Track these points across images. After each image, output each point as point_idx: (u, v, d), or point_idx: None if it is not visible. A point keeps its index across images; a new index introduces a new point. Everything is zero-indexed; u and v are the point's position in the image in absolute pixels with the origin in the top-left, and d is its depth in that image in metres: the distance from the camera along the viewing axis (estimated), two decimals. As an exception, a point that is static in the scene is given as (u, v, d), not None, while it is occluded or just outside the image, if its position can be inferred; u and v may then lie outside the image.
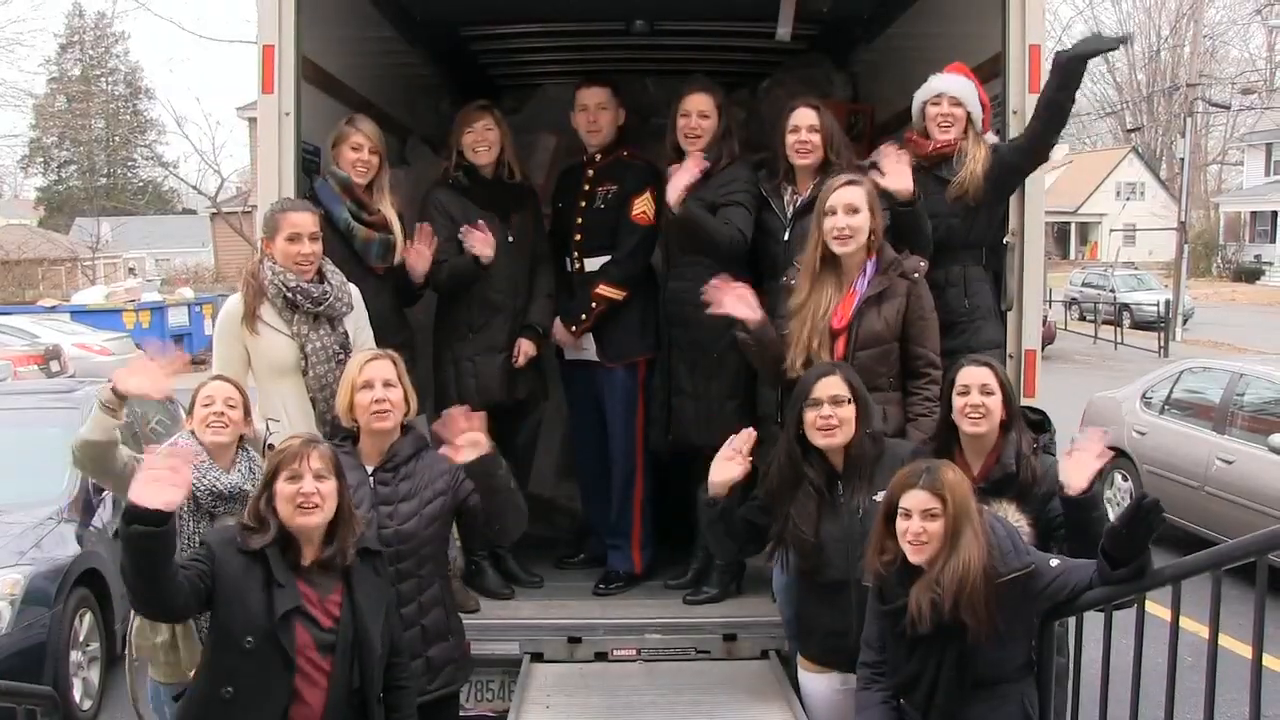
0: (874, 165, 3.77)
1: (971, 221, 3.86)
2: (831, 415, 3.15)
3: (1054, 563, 2.85)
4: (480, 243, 4.16)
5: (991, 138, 3.92)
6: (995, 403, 3.17)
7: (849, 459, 3.21)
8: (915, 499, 2.77)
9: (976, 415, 3.16)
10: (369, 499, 3.17)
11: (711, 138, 4.17)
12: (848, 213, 3.45)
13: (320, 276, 3.62)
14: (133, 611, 3.32)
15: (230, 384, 3.32)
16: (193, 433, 3.26)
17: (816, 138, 3.90)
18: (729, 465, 3.24)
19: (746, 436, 3.26)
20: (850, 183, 3.50)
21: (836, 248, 3.48)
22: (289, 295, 3.53)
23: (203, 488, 3.18)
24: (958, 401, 3.19)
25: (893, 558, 2.85)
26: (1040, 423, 3.46)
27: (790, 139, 3.93)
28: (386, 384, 3.16)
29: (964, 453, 3.22)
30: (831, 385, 3.16)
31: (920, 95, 3.91)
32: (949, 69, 3.91)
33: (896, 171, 3.65)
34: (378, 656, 2.83)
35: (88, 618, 5.38)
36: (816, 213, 3.56)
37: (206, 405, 3.25)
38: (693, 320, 4.22)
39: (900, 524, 2.80)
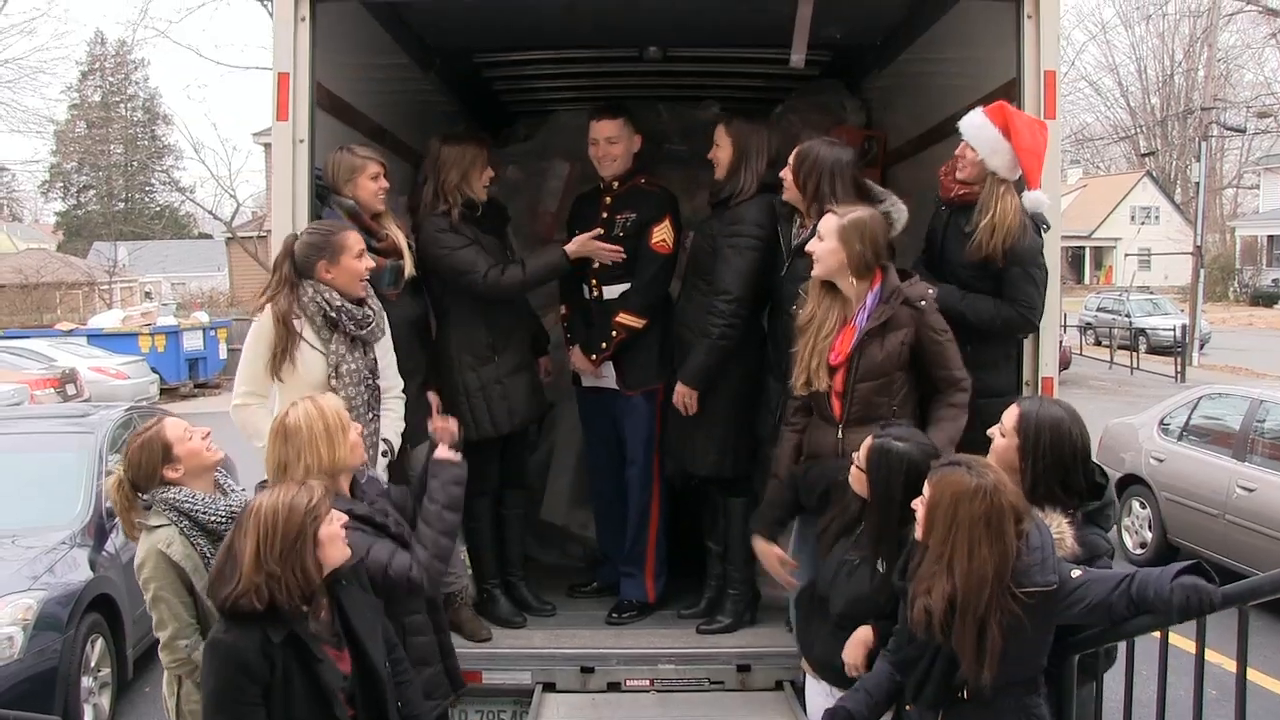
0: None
1: (993, 286, 3.69)
2: None
3: (1075, 573, 2.73)
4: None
5: (1040, 199, 3.65)
6: (1002, 445, 3.05)
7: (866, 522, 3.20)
8: (926, 483, 2.76)
9: None
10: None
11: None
12: (817, 239, 3.50)
13: (362, 299, 3.62)
14: (169, 672, 3.18)
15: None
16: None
17: (788, 176, 3.90)
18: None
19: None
20: (829, 212, 3.54)
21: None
22: (332, 315, 3.51)
23: (221, 512, 3.13)
24: None
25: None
26: (1100, 487, 3.08)
27: None
28: None
29: None
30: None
31: None
32: (988, 108, 3.67)
33: None
34: (386, 686, 2.79)
35: (99, 643, 5.36)
36: None
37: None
38: (693, 345, 4.22)
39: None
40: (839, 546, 3.24)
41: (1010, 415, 3.06)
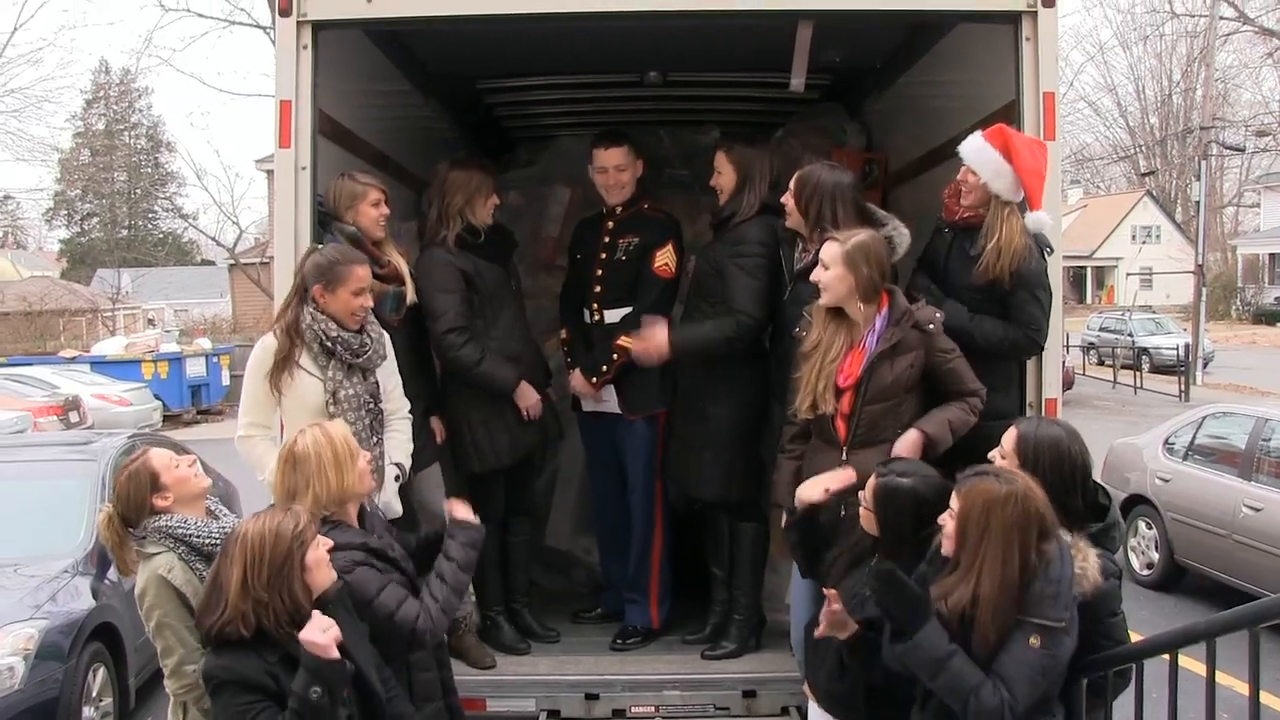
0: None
1: (998, 310, 3.66)
2: None
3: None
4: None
5: (1042, 219, 3.64)
6: (1002, 467, 2.97)
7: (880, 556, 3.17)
8: (954, 495, 2.74)
9: None
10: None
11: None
12: (822, 268, 3.49)
13: (360, 327, 3.61)
14: (175, 699, 3.13)
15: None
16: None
17: (790, 201, 3.89)
18: (816, 488, 3.30)
19: (845, 478, 3.31)
20: (830, 239, 3.52)
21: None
22: (328, 345, 3.50)
23: (215, 535, 3.12)
24: None
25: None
26: (1103, 508, 3.05)
27: None
28: None
29: None
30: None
31: None
32: (986, 131, 3.67)
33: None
34: (384, 706, 2.79)
35: (101, 672, 5.32)
36: None
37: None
38: (693, 369, 4.20)
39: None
40: (849, 579, 3.21)
41: (1009, 437, 3.03)
